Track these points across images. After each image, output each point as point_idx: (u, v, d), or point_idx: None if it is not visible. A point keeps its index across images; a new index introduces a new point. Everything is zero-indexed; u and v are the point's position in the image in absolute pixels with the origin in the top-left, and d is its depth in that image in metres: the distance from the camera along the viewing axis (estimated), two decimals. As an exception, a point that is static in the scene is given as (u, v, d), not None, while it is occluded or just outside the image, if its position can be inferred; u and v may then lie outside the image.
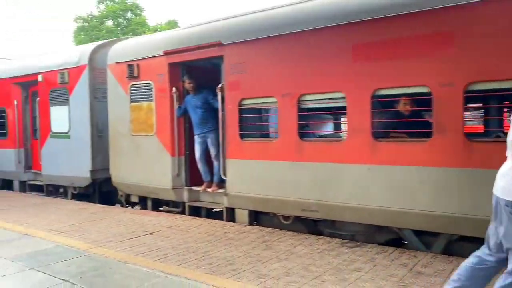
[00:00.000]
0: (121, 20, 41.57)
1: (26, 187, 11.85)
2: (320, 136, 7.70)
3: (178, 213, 8.11)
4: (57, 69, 10.19)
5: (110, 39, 10.93)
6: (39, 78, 10.60)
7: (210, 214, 8.05)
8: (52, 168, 10.50)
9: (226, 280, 4.53)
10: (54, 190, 10.95)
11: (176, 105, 7.93)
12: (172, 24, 39.79)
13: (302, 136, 6.36)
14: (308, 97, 6.24)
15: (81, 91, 9.67)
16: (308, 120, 6.84)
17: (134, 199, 9.01)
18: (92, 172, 9.57)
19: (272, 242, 5.92)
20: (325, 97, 6.10)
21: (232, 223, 7.18)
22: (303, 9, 6.35)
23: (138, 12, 42.37)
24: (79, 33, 40.47)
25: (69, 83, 9.93)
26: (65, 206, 9.22)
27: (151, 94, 8.28)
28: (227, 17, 7.40)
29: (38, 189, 11.52)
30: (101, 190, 10.20)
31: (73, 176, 9.96)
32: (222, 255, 5.38)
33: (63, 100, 10.09)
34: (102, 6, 42.06)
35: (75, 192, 10.18)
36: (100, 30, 39.50)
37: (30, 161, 11.84)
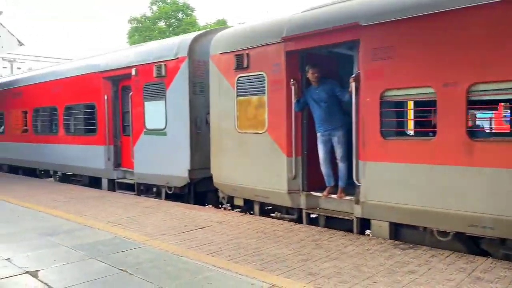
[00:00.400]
0: (172, 20, 42.74)
1: (115, 186, 11.28)
2: (499, 135, 6.68)
3: (291, 220, 7.19)
4: (153, 62, 9.55)
5: (211, 28, 9.72)
6: (133, 71, 9.99)
7: (329, 222, 6.98)
8: (146, 166, 9.94)
9: (276, 276, 4.56)
10: (145, 189, 10.39)
11: (294, 99, 6.93)
12: (222, 23, 40.35)
13: (473, 134, 5.34)
14: (481, 87, 5.09)
15: (179, 85, 9.02)
16: (481, 114, 6.11)
17: (238, 202, 8.18)
18: (190, 171, 8.91)
19: (322, 241, 5.88)
20: (508, 87, 4.93)
21: (280, 221, 7.21)
22: None
23: (189, 12, 43.36)
24: (133, 33, 42.07)
25: (166, 77, 9.28)
26: (120, 199, 9.65)
27: (263, 86, 7.37)
28: None
29: (127, 187, 10.92)
30: (195, 191, 9.55)
31: (169, 175, 9.33)
32: (272, 252, 5.42)
33: (159, 94, 9.49)
34: (154, 7, 43.47)
35: (170, 192, 9.52)
36: (152, 31, 40.83)
37: (120, 159, 11.31)
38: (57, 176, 13.82)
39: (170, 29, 41.73)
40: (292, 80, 6.92)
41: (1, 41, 14.79)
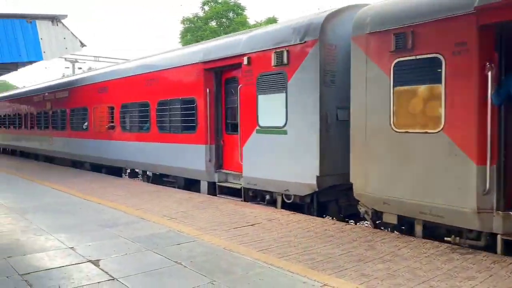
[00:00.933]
0: (223, 20, 43.43)
1: (216, 189, 10.07)
2: None
3: (479, 248, 5.54)
4: (272, 48, 8.21)
5: (347, 5, 8.16)
6: (244, 61, 8.77)
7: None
8: (258, 170, 8.63)
9: (328, 276, 4.54)
10: (255, 195, 9.05)
11: (491, 89, 5.29)
12: (272, 22, 40.44)
13: None
14: None
15: (306, 75, 7.63)
16: None
17: (389, 218, 6.53)
18: (319, 178, 7.43)
19: (375, 243, 5.76)
20: None
21: (332, 220, 7.14)
22: None
23: (240, 11, 43.85)
24: (186, 34, 43.19)
25: (289, 65, 7.91)
26: (174, 194, 9.97)
27: (437, 72, 5.81)
28: None
29: (229, 192, 9.73)
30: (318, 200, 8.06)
31: (290, 182, 7.92)
32: (323, 252, 5.39)
33: (278, 86, 8.15)
34: (206, 7, 44.37)
35: (289, 201, 8.12)
36: (204, 31, 41.70)
37: (221, 160, 10.11)
38: (146, 176, 13.07)
39: (221, 28, 42.43)
40: (488, 63, 5.32)
41: (66, 42, 15.57)
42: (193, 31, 42.75)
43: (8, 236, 6.27)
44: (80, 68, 37.81)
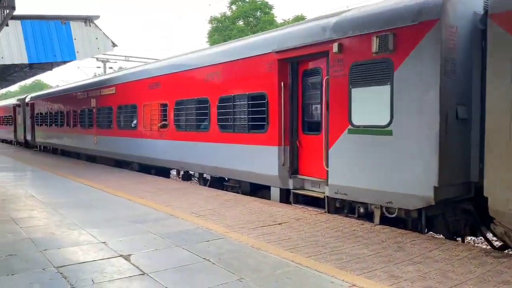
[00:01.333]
0: (251, 19, 43.55)
1: (290, 197, 8.81)
2: None
3: None
4: (371, 32, 6.98)
5: None
6: (334, 48, 7.49)
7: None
8: (349, 176, 7.32)
9: (356, 277, 4.49)
10: (342, 206, 7.74)
11: None
12: (300, 19, 40.27)
13: None
14: None
15: (420, 64, 6.40)
16: None
17: None
18: (437, 189, 6.14)
19: (405, 244, 5.66)
20: None
21: (360, 221, 7.06)
22: None
23: (267, 10, 43.88)
24: (213, 33, 43.57)
25: (395, 52, 6.67)
26: (201, 192, 10.08)
27: None
28: None
29: (307, 201, 8.54)
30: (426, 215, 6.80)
31: (394, 192, 6.67)
32: (351, 252, 5.34)
33: (381, 78, 6.90)
34: (234, 7, 44.62)
35: (392, 216, 6.83)
36: (232, 30, 41.94)
37: (296, 163, 8.88)
38: (203, 179, 12.00)
39: (248, 27, 42.57)
40: None
41: (98, 42, 15.99)
42: (221, 30, 43.06)
43: (44, 230, 6.51)
44: (111, 68, 38.76)
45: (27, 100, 28.58)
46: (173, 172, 14.64)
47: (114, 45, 16.35)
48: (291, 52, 8.56)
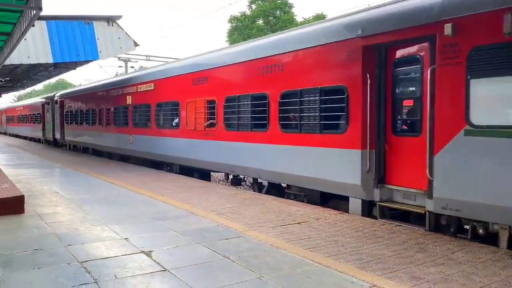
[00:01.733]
0: (270, 18, 43.52)
1: (376, 211, 7.39)
2: None
3: None
4: (501, 7, 5.55)
5: None
6: (446, 29, 6.08)
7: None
8: (465, 189, 5.97)
9: (377, 277, 4.46)
10: (449, 224, 6.38)
11: None
12: (320, 18, 40.02)
13: None
14: None
15: None
16: None
17: None
18: None
19: (427, 245, 5.58)
20: None
21: (381, 221, 6.99)
22: None
23: (287, 9, 43.77)
24: (233, 32, 43.71)
25: None
26: (221, 190, 10.14)
27: None
28: None
29: (396, 217, 7.21)
30: None
31: None
32: (372, 252, 5.29)
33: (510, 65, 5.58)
34: (254, 6, 44.67)
35: None
36: (251, 29, 41.99)
37: (383, 170, 7.47)
38: (257, 185, 10.66)
39: (268, 26, 42.55)
40: None
41: (120, 42, 16.24)
42: (240, 29, 43.16)
43: (68, 225, 6.66)
44: (132, 67, 39.28)
45: (56, 97, 27.66)
46: (215, 175, 13.84)
47: (136, 44, 16.59)
48: (381, 36, 7.15)
